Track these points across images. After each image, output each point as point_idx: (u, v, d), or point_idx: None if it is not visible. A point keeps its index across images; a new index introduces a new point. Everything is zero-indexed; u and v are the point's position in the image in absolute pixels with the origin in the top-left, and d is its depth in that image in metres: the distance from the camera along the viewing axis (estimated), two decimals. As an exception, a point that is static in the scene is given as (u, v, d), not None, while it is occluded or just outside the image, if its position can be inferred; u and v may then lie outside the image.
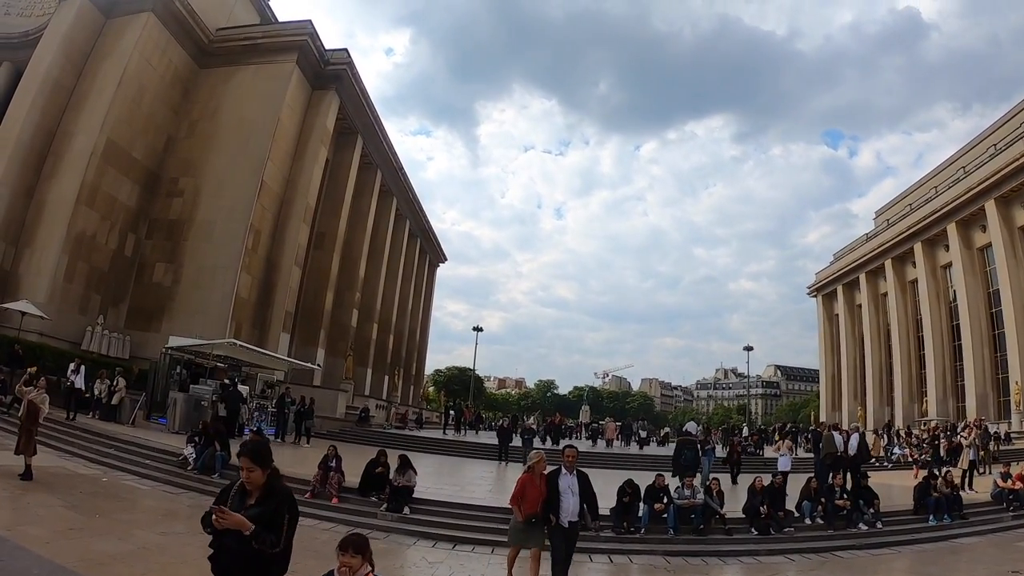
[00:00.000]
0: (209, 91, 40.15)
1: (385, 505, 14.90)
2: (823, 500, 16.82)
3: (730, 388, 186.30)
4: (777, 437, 45.61)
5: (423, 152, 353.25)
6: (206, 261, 36.43)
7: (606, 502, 17.03)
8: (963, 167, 55.42)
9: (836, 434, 21.00)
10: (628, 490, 15.09)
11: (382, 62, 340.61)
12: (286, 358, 33.70)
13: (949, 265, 54.94)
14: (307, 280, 44.28)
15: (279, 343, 38.37)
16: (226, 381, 26.60)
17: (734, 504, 16.52)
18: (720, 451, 31.08)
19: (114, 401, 24.46)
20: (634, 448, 42.28)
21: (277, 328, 38.82)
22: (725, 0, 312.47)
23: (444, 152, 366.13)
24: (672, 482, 16.89)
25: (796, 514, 16.48)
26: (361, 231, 49.94)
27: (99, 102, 34.20)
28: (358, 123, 47.16)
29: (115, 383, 24.62)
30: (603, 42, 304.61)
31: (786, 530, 15.74)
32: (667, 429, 61.52)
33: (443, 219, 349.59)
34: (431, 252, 76.52)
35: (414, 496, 15.35)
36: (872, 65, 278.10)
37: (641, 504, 15.12)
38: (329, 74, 42.80)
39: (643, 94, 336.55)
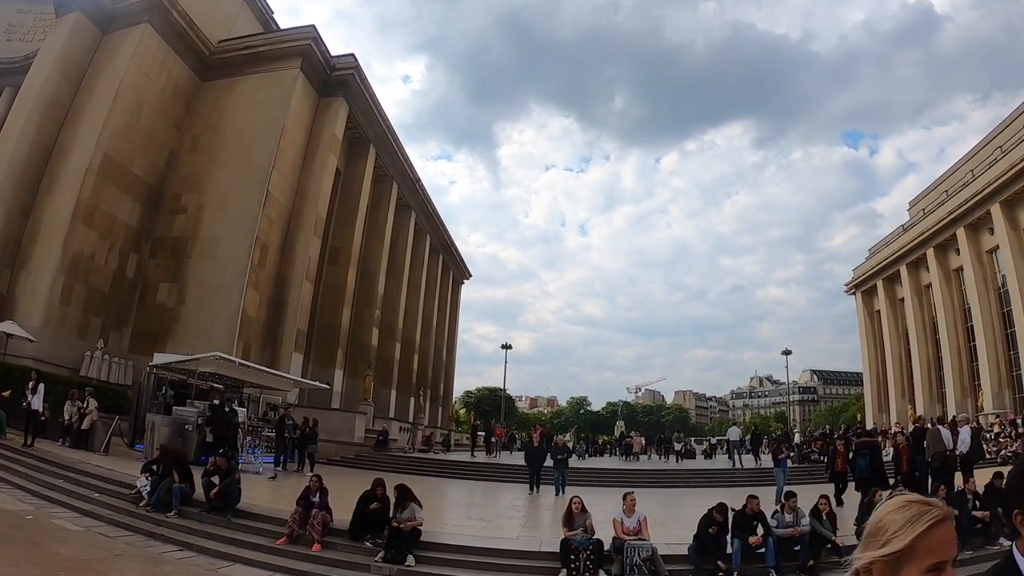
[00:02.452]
0: (211, 104, 37.56)
1: (382, 553, 10.99)
2: (956, 513, 12.74)
3: (766, 396, 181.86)
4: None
5: (445, 177, 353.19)
6: (211, 279, 33.71)
7: (678, 532, 13.33)
8: (1000, 146, 51.75)
9: (943, 429, 16.80)
10: (717, 518, 11.16)
11: (400, 90, 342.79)
12: (284, 375, 29.92)
13: (995, 249, 51.00)
14: (322, 297, 41.07)
15: (291, 364, 34.90)
16: (215, 402, 22.67)
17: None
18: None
19: (84, 425, 20.62)
20: (672, 463, 38.60)
21: (289, 348, 35.46)
22: (737, 7, 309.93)
23: (466, 175, 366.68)
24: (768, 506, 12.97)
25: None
26: (379, 245, 46.79)
27: (95, 117, 31.81)
28: (370, 132, 43.92)
29: (85, 405, 20.87)
30: (616, 57, 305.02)
31: (918, 556, 11.69)
32: (714, 439, 57.35)
33: (468, 242, 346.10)
34: (455, 268, 72.62)
35: (422, 539, 11.47)
36: (888, 62, 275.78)
37: (730, 538, 11.24)
38: (336, 80, 39.87)
39: (660, 106, 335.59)
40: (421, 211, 55.67)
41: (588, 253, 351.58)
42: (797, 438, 41.56)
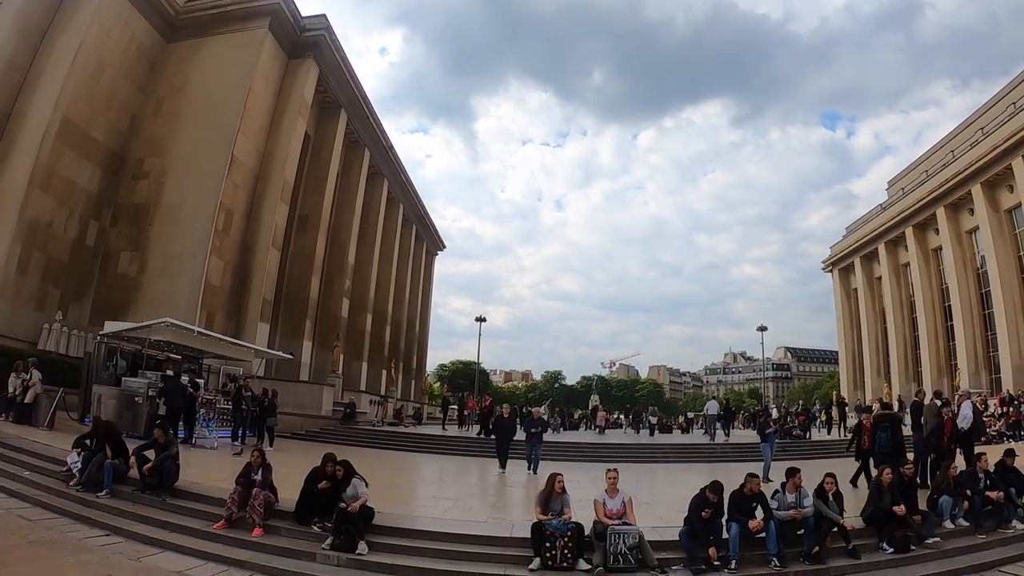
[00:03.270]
0: (176, 65, 35.58)
1: (331, 539, 9.57)
2: (968, 493, 11.74)
3: (740, 372, 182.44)
4: (823, 417, 40.76)
5: (421, 150, 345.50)
6: (173, 247, 32.16)
7: (664, 512, 12.11)
8: (981, 128, 51.28)
9: (940, 403, 15.67)
10: (711, 499, 9.85)
11: (377, 62, 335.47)
12: (243, 343, 28.25)
13: (975, 230, 50.65)
14: (290, 266, 39.65)
15: (257, 334, 33.51)
16: (168, 372, 21.11)
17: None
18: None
19: (28, 399, 19.01)
20: (644, 437, 37.84)
21: (254, 318, 34.05)
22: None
23: (443, 149, 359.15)
24: (767, 486, 11.88)
25: (935, 515, 11.44)
26: (349, 213, 45.26)
27: (53, 78, 29.72)
28: (341, 96, 42.27)
29: (29, 377, 19.25)
30: (596, 33, 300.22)
31: (930, 541, 10.57)
32: (691, 414, 56.34)
33: (444, 216, 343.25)
34: (428, 239, 70.76)
35: (377, 522, 10.11)
36: (868, 45, 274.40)
37: (726, 522, 9.97)
38: (306, 42, 38.13)
39: (638, 82, 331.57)
40: (394, 179, 53.96)
41: (565, 228, 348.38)
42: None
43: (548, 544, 9.03)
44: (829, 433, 35.36)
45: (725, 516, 9.86)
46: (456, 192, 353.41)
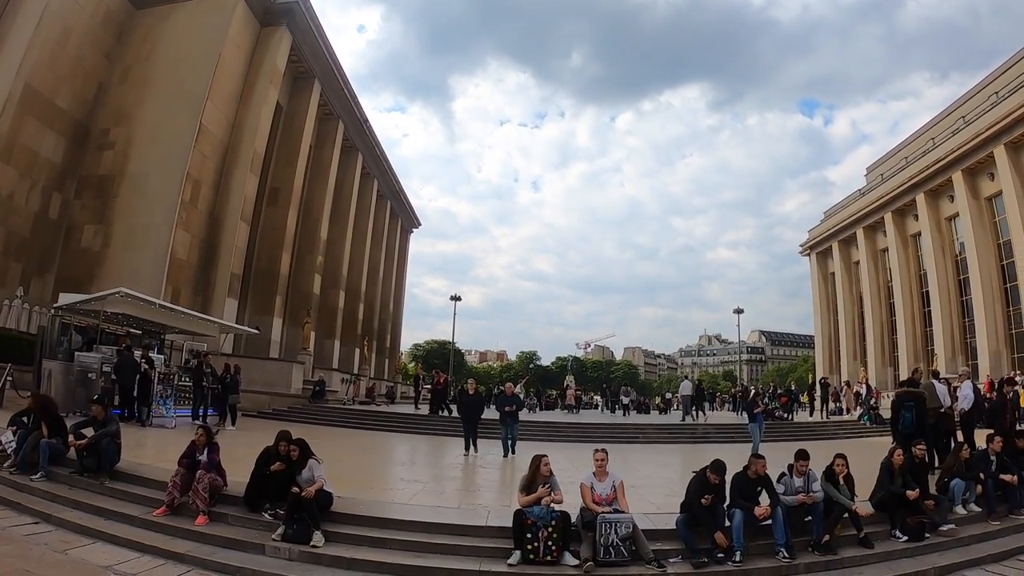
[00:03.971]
0: (145, 32, 34.21)
1: (282, 529, 8.38)
2: (981, 476, 10.83)
3: (714, 355, 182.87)
4: (806, 398, 39.84)
5: (398, 129, 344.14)
6: (138, 219, 31.02)
7: (654, 497, 11.11)
8: (963, 116, 50.60)
9: (938, 384, 14.67)
10: (713, 481, 8.80)
11: (355, 40, 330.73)
12: (205, 316, 26.88)
13: (955, 216, 50.20)
14: (260, 241, 38.36)
15: (225, 310, 32.35)
16: (123, 347, 19.85)
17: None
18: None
19: (-29, 378, 17.75)
20: (621, 417, 37.23)
21: (222, 293, 32.95)
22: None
23: (420, 128, 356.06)
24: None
25: (948, 500, 10.51)
26: (322, 188, 43.90)
27: (16, 43, 28.28)
28: (315, 66, 40.80)
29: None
30: (575, 13, 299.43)
31: (944, 528, 9.68)
32: (669, 395, 55.42)
33: (420, 195, 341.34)
34: (403, 216, 68.99)
35: (336, 508, 8.97)
36: (849, 34, 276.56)
37: (727, 508, 8.86)
38: (279, 9, 36.85)
39: (617, 65, 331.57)
40: (369, 154, 52.40)
41: (541, 209, 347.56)
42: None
43: (530, 535, 7.90)
44: (811, 415, 34.53)
45: (727, 502, 8.85)
46: (432, 171, 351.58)
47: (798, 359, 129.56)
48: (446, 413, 27.73)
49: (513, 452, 17.38)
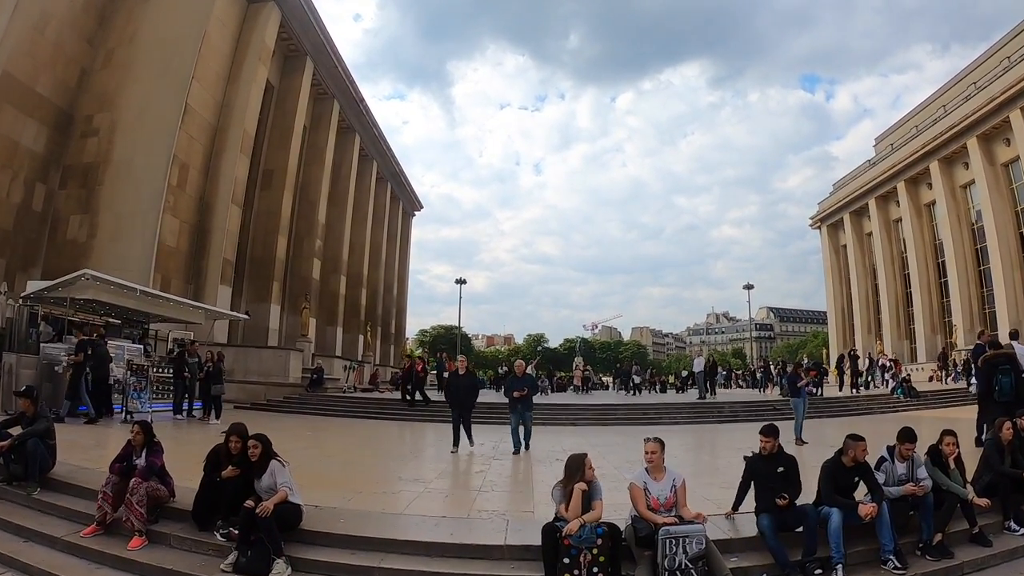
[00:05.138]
0: (127, 14, 32.16)
1: (234, 556, 6.26)
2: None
3: (723, 333, 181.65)
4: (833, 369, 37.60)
5: (398, 116, 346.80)
6: (124, 207, 29.27)
7: (710, 492, 8.68)
8: (974, 83, 48.77)
9: (1019, 345, 12.49)
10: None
11: (352, 29, 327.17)
12: (185, 300, 24.43)
13: (971, 184, 48.44)
14: (254, 225, 36.61)
15: (219, 297, 30.38)
16: (95, 337, 17.66)
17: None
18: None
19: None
20: (634, 397, 34.73)
21: (215, 280, 31.04)
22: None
23: (420, 115, 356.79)
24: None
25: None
26: (319, 170, 41.72)
27: (-9, 30, 26.42)
28: (306, 43, 38.64)
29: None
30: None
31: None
32: (684, 372, 53.14)
33: (423, 182, 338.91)
34: (404, 199, 66.43)
35: (305, 526, 6.76)
36: (849, 6, 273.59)
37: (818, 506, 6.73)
38: (266, -16, 34.54)
39: (616, 44, 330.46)
40: (366, 135, 50.14)
41: (543, 191, 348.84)
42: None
43: (567, 560, 5.67)
44: (840, 390, 32.31)
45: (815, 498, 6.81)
46: (434, 158, 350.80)
47: (807, 335, 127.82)
48: (422, 400, 24.46)
49: (527, 447, 14.21)
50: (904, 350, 54.06)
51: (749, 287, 63.04)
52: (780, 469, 6.97)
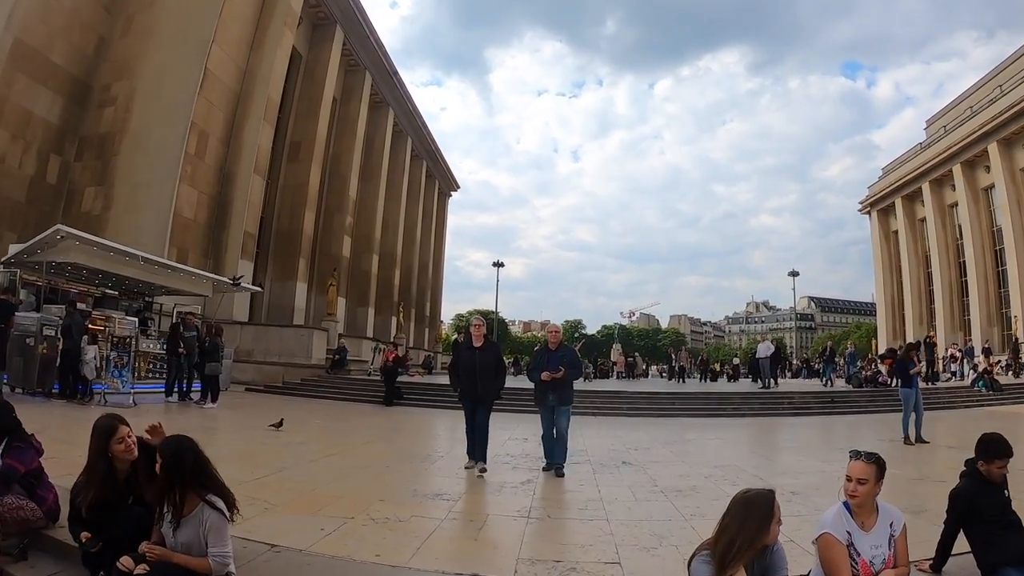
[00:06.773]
0: (148, -22, 29.71)
1: None
2: None
3: (762, 322, 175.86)
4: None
5: (436, 103, 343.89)
6: (139, 177, 27.21)
7: None
8: (1034, 60, 44.66)
9: None
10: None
11: (388, 16, 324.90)
12: (176, 264, 21.81)
13: (1032, 166, 44.39)
14: (280, 199, 34.48)
15: (239, 273, 28.01)
16: (73, 306, 15.59)
17: None
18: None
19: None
20: (691, 386, 32.05)
21: (235, 255, 28.83)
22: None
23: (458, 102, 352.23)
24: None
25: None
26: (350, 143, 39.41)
27: (4, -3, 24.51)
28: (335, 10, 36.25)
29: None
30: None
31: None
32: (736, 360, 50.23)
33: (460, 168, 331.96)
34: (440, 178, 63.71)
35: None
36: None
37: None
38: (293, -55, 32.12)
39: (653, 30, 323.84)
40: (400, 109, 47.63)
41: (581, 179, 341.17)
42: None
43: None
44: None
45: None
46: (471, 145, 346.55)
47: (849, 326, 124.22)
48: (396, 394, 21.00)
49: (560, 473, 8.85)
50: (959, 342, 50.54)
51: (794, 274, 59.84)
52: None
